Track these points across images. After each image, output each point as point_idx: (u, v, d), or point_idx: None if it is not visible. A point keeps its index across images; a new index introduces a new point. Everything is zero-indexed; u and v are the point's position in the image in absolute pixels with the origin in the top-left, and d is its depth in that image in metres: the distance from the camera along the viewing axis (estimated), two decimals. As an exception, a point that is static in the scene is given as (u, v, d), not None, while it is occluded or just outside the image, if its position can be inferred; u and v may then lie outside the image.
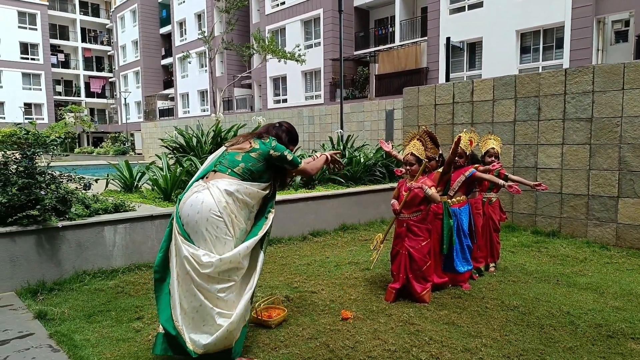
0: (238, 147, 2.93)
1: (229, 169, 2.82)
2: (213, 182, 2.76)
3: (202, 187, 2.74)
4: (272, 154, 2.90)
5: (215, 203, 2.66)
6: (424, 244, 3.91)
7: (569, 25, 15.67)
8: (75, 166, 5.45)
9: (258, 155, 2.88)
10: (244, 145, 2.93)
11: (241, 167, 2.82)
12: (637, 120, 5.74)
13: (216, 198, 2.67)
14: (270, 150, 2.90)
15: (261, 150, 2.89)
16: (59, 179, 4.59)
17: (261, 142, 2.94)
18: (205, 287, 2.63)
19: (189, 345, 2.62)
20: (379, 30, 23.95)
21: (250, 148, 2.90)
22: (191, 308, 2.65)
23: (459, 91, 7.61)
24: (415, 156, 3.92)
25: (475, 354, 2.95)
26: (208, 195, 2.68)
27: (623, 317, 3.52)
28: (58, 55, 45.60)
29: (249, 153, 2.88)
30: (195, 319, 2.65)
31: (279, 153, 2.91)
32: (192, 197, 2.72)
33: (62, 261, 4.43)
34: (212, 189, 2.70)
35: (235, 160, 2.85)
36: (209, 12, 31.67)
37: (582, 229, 6.26)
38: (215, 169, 2.87)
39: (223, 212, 2.67)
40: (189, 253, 2.62)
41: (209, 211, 2.64)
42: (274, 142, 2.95)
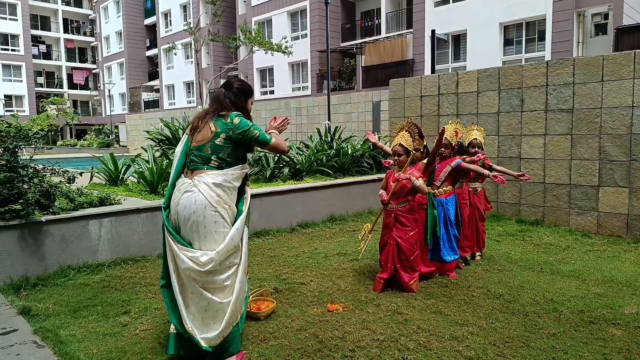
0: (201, 137, 2.75)
1: (204, 165, 2.73)
2: (198, 178, 2.70)
3: (190, 186, 2.69)
4: (237, 134, 2.71)
5: (207, 199, 2.64)
6: (412, 234, 3.95)
7: (550, 18, 15.85)
8: (59, 159, 5.35)
9: (223, 140, 2.71)
10: (205, 132, 2.74)
11: (213, 159, 2.71)
12: (616, 111, 5.85)
13: (207, 194, 2.64)
14: (233, 129, 2.71)
15: (224, 134, 2.71)
16: (42, 172, 4.51)
17: (221, 122, 2.73)
18: (210, 282, 2.64)
19: (203, 343, 2.64)
20: (365, 22, 23.90)
21: (213, 134, 2.71)
22: (199, 309, 2.66)
23: (444, 83, 7.65)
24: (404, 147, 3.95)
25: (462, 341, 3.00)
26: (198, 194, 2.64)
27: (604, 304, 3.61)
28: (39, 46, 44.51)
29: (214, 140, 2.71)
30: (205, 319, 2.67)
31: (244, 129, 2.71)
32: (184, 197, 2.68)
33: (46, 256, 4.37)
34: (201, 186, 2.65)
35: (204, 155, 2.72)
36: (194, 3, 31.21)
37: (564, 217, 6.39)
38: (191, 168, 2.77)
39: (217, 206, 2.65)
40: (187, 258, 2.61)
41: (205, 208, 2.63)
42: (235, 118, 2.73)
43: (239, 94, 2.87)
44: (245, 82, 2.98)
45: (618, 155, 5.86)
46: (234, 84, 2.91)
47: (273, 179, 7.19)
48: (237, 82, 2.93)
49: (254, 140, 2.77)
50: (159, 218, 5.14)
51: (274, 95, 26.53)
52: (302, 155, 7.93)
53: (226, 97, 2.83)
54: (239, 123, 2.72)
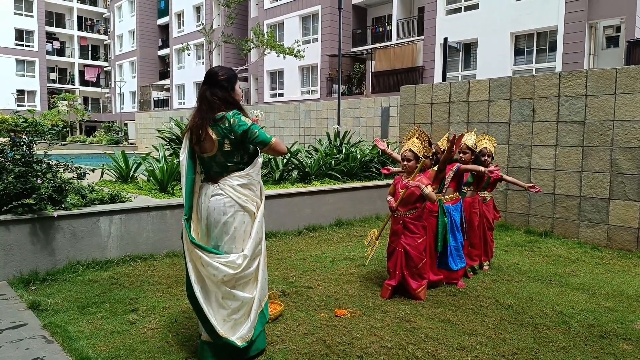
0: (209, 148, 2.69)
1: (224, 172, 2.72)
2: (222, 181, 2.72)
3: (217, 189, 2.71)
4: (238, 135, 2.63)
5: (236, 200, 2.71)
6: (420, 241, 3.93)
7: (562, 29, 15.80)
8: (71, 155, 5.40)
9: (230, 146, 2.66)
10: (209, 143, 2.67)
11: (230, 165, 2.72)
12: (628, 124, 5.80)
13: (235, 196, 2.70)
14: (233, 131, 2.63)
15: (227, 139, 2.64)
16: (55, 168, 4.55)
17: (220, 128, 2.65)
18: (243, 278, 2.73)
19: (239, 342, 2.68)
20: (376, 28, 23.96)
21: (217, 143, 2.65)
22: (232, 311, 2.71)
23: (456, 91, 7.63)
24: (413, 152, 3.94)
25: (470, 351, 2.98)
26: (227, 196, 2.70)
27: (615, 318, 3.58)
28: (53, 43, 45.03)
29: (221, 149, 2.66)
30: (238, 320, 2.72)
31: (244, 130, 2.63)
32: (213, 200, 2.71)
33: (56, 251, 4.40)
34: (226, 189, 2.70)
35: (220, 163, 2.71)
36: (207, 4, 31.44)
37: (574, 229, 6.33)
38: (213, 176, 2.76)
39: (247, 204, 2.74)
40: (222, 264, 2.65)
41: (235, 210, 2.71)
42: (232, 119, 2.64)
43: (226, 86, 2.72)
44: (226, 69, 2.80)
45: (630, 168, 5.81)
46: (217, 76, 2.73)
47: (282, 181, 7.20)
48: (220, 73, 2.74)
49: (253, 140, 2.68)
50: (168, 216, 5.17)
51: (283, 97, 26.61)
52: (311, 158, 7.93)
53: (213, 95, 2.69)
54: (237, 123, 2.64)
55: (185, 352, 2.92)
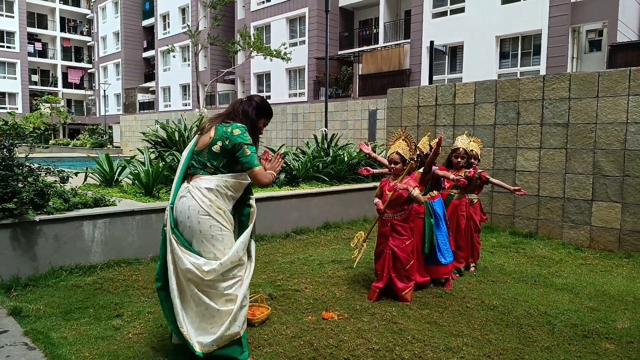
0: (201, 142, 2.75)
1: (201, 170, 2.73)
2: (193, 182, 2.71)
3: (185, 191, 2.71)
4: (230, 145, 2.63)
5: (199, 204, 2.63)
6: (408, 243, 3.95)
7: (546, 33, 16.08)
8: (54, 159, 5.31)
9: (219, 148, 2.66)
10: (205, 138, 2.73)
11: (209, 165, 2.70)
12: (610, 127, 5.92)
13: (199, 199, 2.63)
14: (229, 138, 2.63)
15: (220, 141, 2.65)
16: (37, 171, 4.46)
17: (222, 129, 2.68)
18: (211, 288, 2.64)
19: (197, 348, 2.64)
20: (363, 31, 24.06)
21: (210, 140, 2.68)
22: (197, 313, 2.66)
23: (442, 94, 7.71)
24: (400, 155, 3.96)
25: (456, 352, 3.00)
26: (191, 199, 2.65)
27: (597, 318, 3.64)
28: (35, 44, 44.28)
29: (210, 147, 2.68)
30: (202, 323, 2.67)
31: (237, 142, 2.62)
32: (179, 203, 2.71)
33: (38, 256, 4.31)
34: (193, 191, 2.66)
35: (202, 160, 2.72)
36: (193, 6, 31.25)
37: (558, 230, 6.43)
38: (190, 172, 2.78)
39: (209, 211, 2.64)
40: (190, 263, 2.61)
41: (197, 214, 2.63)
42: (236, 129, 2.65)
43: (255, 107, 2.82)
44: (266, 102, 2.92)
45: (612, 170, 5.92)
46: (255, 98, 2.89)
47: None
48: (258, 98, 2.90)
49: (240, 157, 2.64)
50: (154, 220, 5.11)
51: (270, 100, 26.53)
52: (298, 161, 7.93)
53: (241, 106, 2.81)
54: (237, 135, 2.64)
55: (171, 357, 2.88)
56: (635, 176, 5.73)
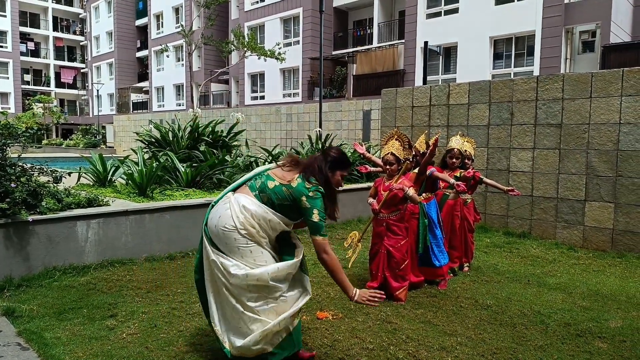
0: (279, 175, 2.68)
1: (256, 191, 2.65)
2: (237, 195, 2.65)
3: (226, 200, 2.66)
4: (302, 202, 2.58)
5: (232, 217, 2.56)
6: (403, 243, 3.97)
7: (539, 34, 16.19)
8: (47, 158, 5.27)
9: (289, 194, 2.60)
10: (286, 175, 2.66)
11: (267, 195, 2.62)
12: (603, 127, 5.98)
13: (233, 212, 2.57)
14: (302, 197, 2.57)
15: (296, 193, 2.59)
16: (30, 171, 4.43)
17: (302, 186, 2.60)
18: (235, 292, 2.58)
19: (226, 345, 2.63)
20: (358, 32, 24.10)
21: (288, 183, 2.62)
22: (228, 309, 2.63)
23: (436, 94, 7.74)
24: (395, 156, 3.97)
25: (450, 352, 3.01)
26: (226, 210, 2.59)
27: (590, 317, 3.67)
28: (28, 44, 43.90)
29: (284, 187, 2.61)
30: (232, 320, 2.63)
31: (309, 206, 2.57)
32: (214, 210, 2.68)
33: (31, 256, 4.28)
34: (232, 205, 2.60)
35: (266, 187, 2.64)
36: (186, 5, 31.15)
37: (551, 230, 6.48)
38: (247, 184, 2.72)
39: (238, 225, 2.55)
40: (218, 260, 2.58)
41: (224, 225, 2.56)
42: (313, 192, 2.58)
43: (330, 161, 2.74)
44: (343, 154, 2.83)
45: (604, 170, 5.98)
46: (332, 151, 2.81)
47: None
48: (334, 151, 2.81)
49: (309, 218, 2.58)
50: (148, 221, 5.09)
51: (264, 100, 26.52)
52: (293, 161, 7.91)
53: (316, 161, 2.73)
54: (314, 200, 2.57)
55: (165, 357, 2.87)
56: (628, 176, 5.79)
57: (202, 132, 8.06)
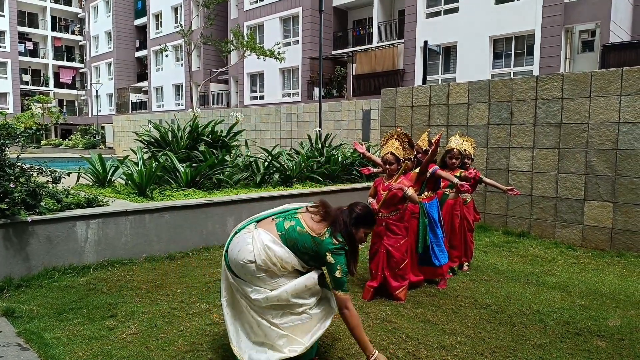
0: (309, 223, 2.67)
1: (284, 231, 2.65)
2: (261, 231, 2.64)
3: (248, 234, 2.64)
4: (327, 257, 2.60)
5: (254, 254, 2.56)
6: (402, 242, 3.97)
7: (539, 33, 16.19)
8: (46, 159, 5.27)
9: (315, 246, 2.61)
10: (315, 226, 2.65)
11: (293, 240, 2.63)
12: (602, 127, 5.98)
13: (256, 250, 2.56)
14: (327, 253, 2.59)
15: (322, 248, 2.61)
16: (29, 171, 4.43)
17: (330, 239, 2.61)
18: (259, 311, 2.61)
19: None
20: (357, 31, 24.09)
21: (317, 235, 2.62)
22: (254, 326, 2.63)
23: (436, 94, 7.74)
24: (395, 155, 3.98)
25: (450, 351, 3.02)
26: (247, 245, 2.59)
27: (589, 315, 3.68)
28: (26, 44, 43.87)
29: (312, 238, 2.62)
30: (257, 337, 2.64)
31: (333, 262, 2.59)
32: (236, 241, 2.66)
33: (31, 257, 4.28)
34: (255, 241, 2.59)
35: (294, 232, 2.64)
36: (186, 5, 31.13)
37: (550, 230, 6.49)
38: (275, 220, 2.72)
39: (258, 261, 2.55)
40: (238, 285, 2.63)
41: (243, 259, 2.56)
42: (338, 249, 2.61)
43: (354, 217, 2.74)
44: (368, 211, 2.83)
45: (603, 170, 5.98)
46: (357, 208, 2.80)
47: (263, 184, 7.17)
48: (360, 207, 2.81)
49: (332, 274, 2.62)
50: (147, 221, 5.10)
51: (264, 100, 26.52)
52: (292, 161, 7.93)
53: (342, 214, 2.73)
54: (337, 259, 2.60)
55: (165, 357, 2.88)
56: (627, 176, 5.80)
57: (202, 132, 8.06)
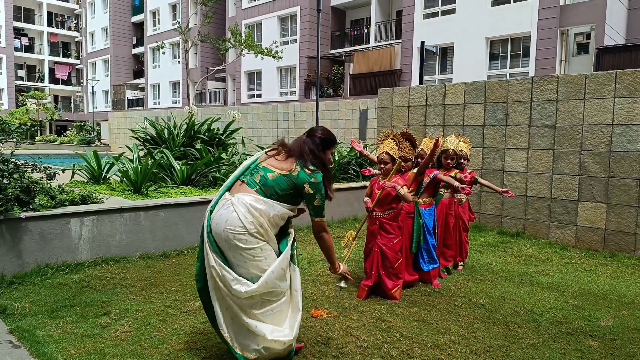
0: (277, 165, 2.69)
1: (257, 186, 2.64)
2: (238, 196, 2.61)
3: (228, 204, 2.60)
4: (305, 189, 2.64)
5: (241, 219, 2.53)
6: (396, 242, 3.98)
7: (535, 35, 16.26)
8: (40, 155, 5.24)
9: (292, 183, 2.64)
10: (283, 165, 2.68)
11: (271, 188, 2.63)
12: (596, 129, 6.02)
13: (241, 214, 2.54)
14: (304, 185, 2.63)
15: (299, 182, 2.64)
16: (23, 168, 4.40)
17: (304, 174, 2.64)
18: (238, 302, 2.59)
19: (238, 350, 2.63)
20: (355, 31, 24.10)
21: (289, 172, 2.65)
22: (233, 315, 2.64)
23: (432, 94, 7.76)
24: (390, 155, 3.98)
25: (444, 350, 3.03)
26: (232, 213, 2.55)
27: (582, 315, 3.70)
28: (22, 39, 43.60)
29: (285, 176, 2.64)
30: (239, 327, 2.65)
31: (312, 192, 2.65)
32: (217, 214, 2.61)
33: (24, 254, 4.26)
34: (237, 206, 2.55)
35: (267, 180, 2.64)
36: (183, 2, 31.02)
37: (544, 230, 6.52)
38: (244, 180, 2.70)
39: (250, 227, 2.53)
40: (220, 271, 2.57)
41: (234, 228, 2.53)
42: (315, 178, 2.65)
43: (318, 142, 2.78)
44: (328, 132, 2.88)
45: (597, 171, 6.02)
46: (317, 132, 2.84)
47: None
48: (319, 131, 2.85)
49: (312, 203, 2.69)
50: (142, 218, 5.08)
51: (261, 99, 26.48)
52: (288, 160, 7.91)
53: (305, 144, 2.75)
54: (315, 187, 2.65)
55: (159, 355, 2.87)
56: (620, 177, 5.84)
57: (198, 130, 8.04)
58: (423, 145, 4.70)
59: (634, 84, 5.70)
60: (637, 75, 5.69)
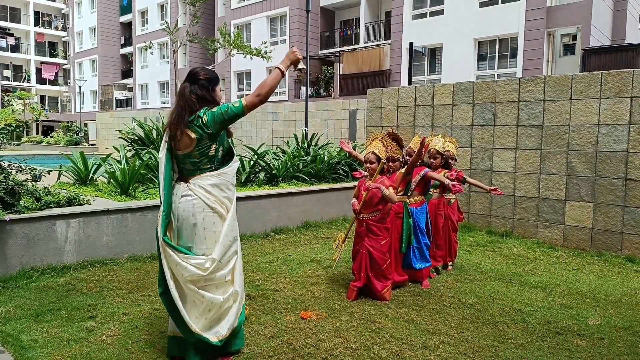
0: (184, 146, 2.69)
1: (197, 170, 2.74)
2: (194, 181, 2.74)
3: (187, 190, 2.73)
4: (215, 127, 2.64)
5: (205, 202, 2.70)
6: (384, 243, 3.97)
7: (522, 36, 16.44)
8: (25, 156, 5.15)
9: (207, 141, 2.68)
10: (186, 140, 2.68)
11: (204, 161, 2.72)
12: (582, 129, 6.09)
13: (204, 197, 2.70)
14: (208, 126, 2.64)
15: (205, 135, 2.65)
16: (7, 169, 4.32)
17: (195, 127, 2.65)
18: (211, 280, 2.70)
19: (213, 339, 2.69)
20: (344, 31, 24.13)
21: (195, 141, 2.66)
22: (203, 311, 2.68)
23: (421, 95, 7.79)
24: (376, 155, 3.97)
25: (433, 350, 3.03)
26: (195, 197, 2.70)
27: (570, 315, 3.73)
28: (8, 39, 42.87)
29: (198, 145, 2.67)
30: (211, 319, 2.71)
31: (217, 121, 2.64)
32: (182, 201, 2.73)
33: (8, 256, 4.18)
34: (197, 190, 2.71)
35: (195, 161, 2.72)
36: (172, 2, 30.79)
37: (532, 230, 6.57)
38: (185, 174, 2.79)
39: (216, 205, 2.72)
40: (192, 265, 2.64)
41: (202, 211, 2.71)
42: (204, 116, 2.65)
43: (206, 85, 2.75)
44: (209, 71, 2.82)
45: (584, 171, 6.09)
46: (200, 74, 2.76)
47: (248, 183, 7.12)
48: (202, 73, 2.77)
49: (230, 119, 2.65)
50: (130, 220, 5.02)
51: (251, 99, 26.32)
52: (278, 160, 7.90)
53: (192, 93, 2.70)
54: (209, 119, 2.65)
55: (146, 359, 2.83)
56: (606, 177, 5.91)
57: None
58: (412, 144, 4.72)
59: (619, 85, 5.78)
60: (622, 76, 5.77)
